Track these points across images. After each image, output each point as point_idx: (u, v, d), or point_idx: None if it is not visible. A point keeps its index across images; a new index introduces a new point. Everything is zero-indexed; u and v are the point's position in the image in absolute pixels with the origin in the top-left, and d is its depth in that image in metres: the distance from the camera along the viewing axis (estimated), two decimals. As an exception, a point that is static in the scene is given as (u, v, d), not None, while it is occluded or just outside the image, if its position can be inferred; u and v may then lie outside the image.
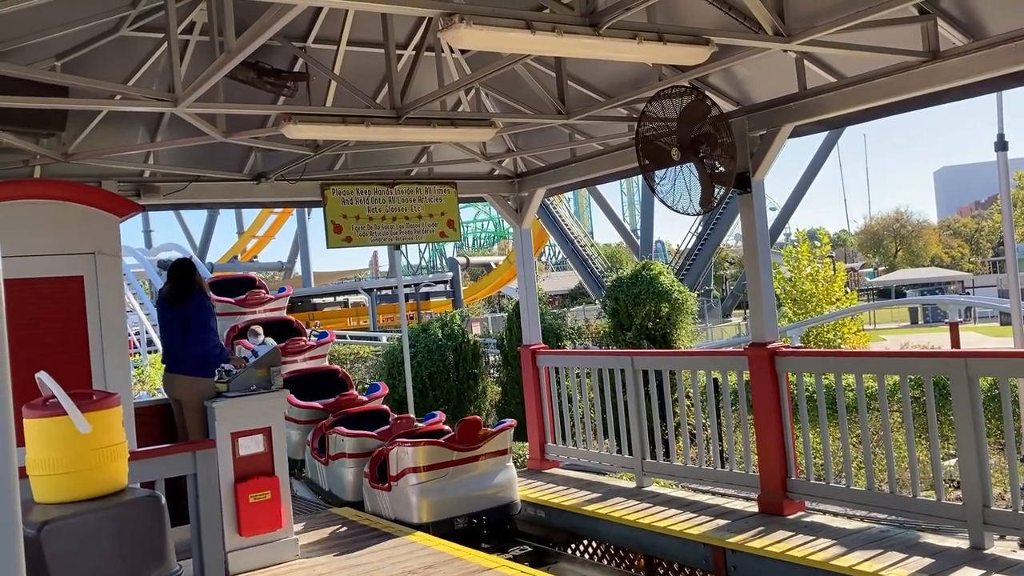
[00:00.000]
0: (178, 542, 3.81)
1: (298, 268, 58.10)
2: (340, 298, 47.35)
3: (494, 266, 57.80)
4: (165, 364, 7.01)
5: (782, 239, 56.34)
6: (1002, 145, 13.66)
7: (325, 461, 8.11)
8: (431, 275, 54.75)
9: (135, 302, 23.69)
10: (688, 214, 6.29)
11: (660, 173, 6.27)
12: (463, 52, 7.09)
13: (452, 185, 8.77)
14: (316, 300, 44.50)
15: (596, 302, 40.37)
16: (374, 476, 7.45)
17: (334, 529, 7.06)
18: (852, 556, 5.37)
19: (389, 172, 8.55)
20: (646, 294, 16.55)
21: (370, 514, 7.43)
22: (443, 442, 7.07)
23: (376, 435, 7.81)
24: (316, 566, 6.11)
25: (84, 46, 5.96)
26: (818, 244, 24.65)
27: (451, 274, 47.73)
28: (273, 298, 9.97)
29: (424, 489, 6.90)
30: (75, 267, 6.16)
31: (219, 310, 9.14)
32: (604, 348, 17.65)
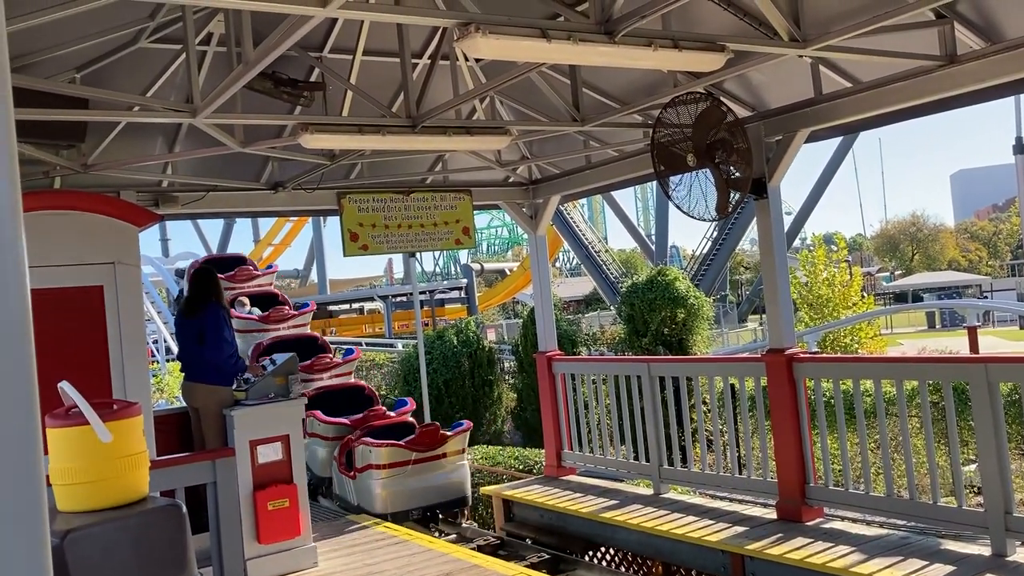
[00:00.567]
0: (197, 550, 3.83)
1: (314, 275, 58.37)
2: (355, 305, 47.51)
3: (508, 272, 57.86)
4: (183, 373, 7.07)
5: (798, 244, 56.13)
6: (1020, 148, 13.62)
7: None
8: (446, 282, 54.81)
9: (153, 310, 23.84)
10: (704, 220, 6.29)
11: (675, 179, 6.27)
12: (478, 61, 7.11)
13: (467, 192, 8.79)
14: (332, 307, 44.66)
15: (611, 308, 40.31)
16: (342, 463, 8.12)
17: (352, 536, 7.08)
18: (872, 563, 5.34)
19: (405, 180, 8.58)
20: (662, 300, 16.54)
21: (337, 497, 8.18)
22: (404, 444, 7.84)
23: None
24: (334, 574, 6.13)
25: (103, 58, 6.01)
26: (834, 248, 24.57)
27: (466, 280, 47.79)
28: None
29: (385, 484, 7.74)
30: (95, 277, 6.21)
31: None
32: (620, 354, 17.62)
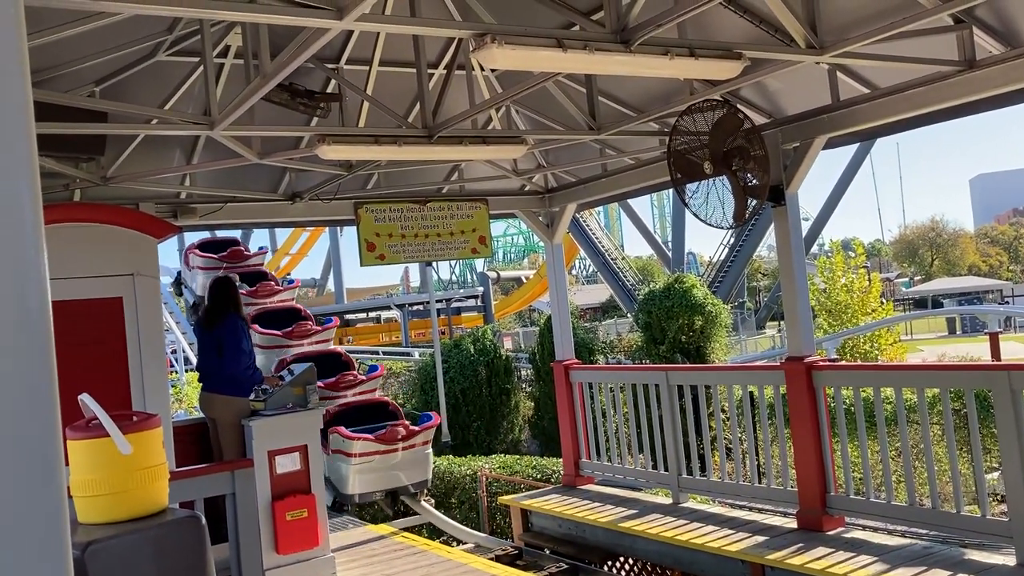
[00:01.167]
0: (216, 561, 3.83)
1: (331, 284, 58.57)
2: (372, 314, 47.64)
3: (524, 280, 57.90)
4: (202, 383, 7.09)
5: (815, 250, 55.85)
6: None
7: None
8: (462, 290, 54.89)
9: (171, 321, 23.98)
10: (721, 227, 6.26)
11: (692, 187, 6.26)
12: (494, 70, 7.13)
13: (483, 202, 8.80)
14: (349, 316, 44.81)
15: (628, 315, 40.23)
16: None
17: (371, 547, 7.08)
18: (895, 573, 5.28)
19: (421, 190, 8.60)
20: (679, 307, 16.50)
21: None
22: (374, 438, 8.49)
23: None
24: (353, 584, 6.13)
25: (122, 72, 6.06)
26: (852, 254, 24.43)
27: (482, 289, 47.84)
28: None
29: (355, 470, 8.42)
30: (114, 288, 6.26)
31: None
32: (637, 362, 17.58)
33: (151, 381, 6.29)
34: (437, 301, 27.66)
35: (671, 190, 6.93)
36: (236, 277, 9.18)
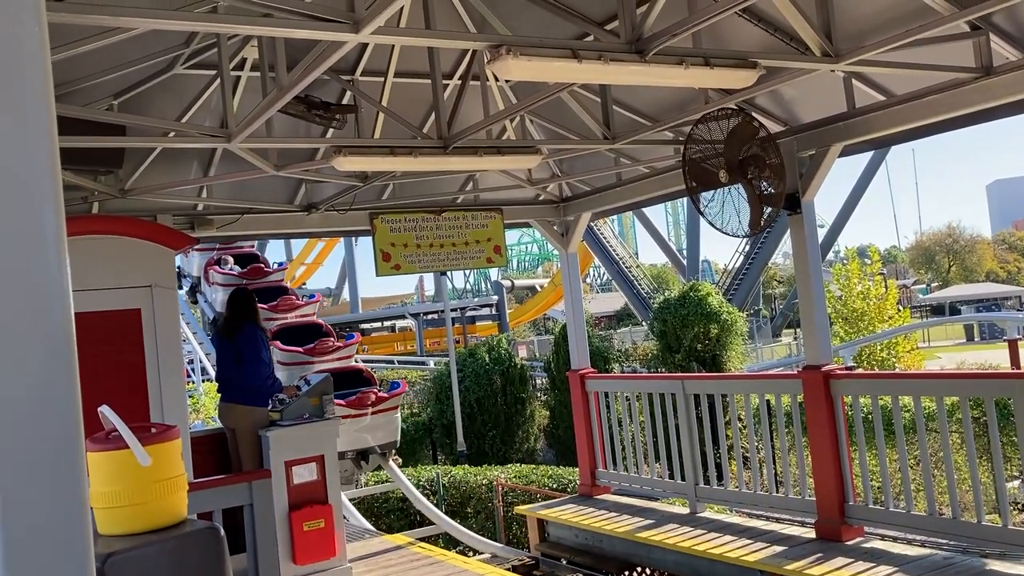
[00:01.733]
0: (234, 571, 3.84)
1: (346, 294, 58.73)
2: (387, 323, 47.73)
3: (539, 288, 57.87)
4: (220, 393, 7.13)
5: (831, 257, 55.57)
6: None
7: None
8: (476, 299, 54.93)
9: (188, 331, 24.12)
10: (737, 236, 6.25)
11: (707, 195, 6.25)
12: (508, 81, 7.14)
13: (498, 211, 8.81)
14: (364, 325, 44.91)
15: (643, 323, 40.12)
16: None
17: (387, 557, 7.07)
18: (915, 584, 5.23)
19: (436, 200, 8.62)
20: (694, 315, 16.45)
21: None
22: (345, 403, 9.04)
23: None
24: (370, 595, 6.13)
25: (140, 85, 6.11)
26: (868, 261, 24.29)
27: (496, 297, 47.83)
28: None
29: None
30: (132, 300, 6.28)
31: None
32: (653, 370, 17.54)
33: (169, 392, 6.31)
34: (452, 310, 27.68)
35: (686, 198, 6.92)
36: (230, 259, 9.54)
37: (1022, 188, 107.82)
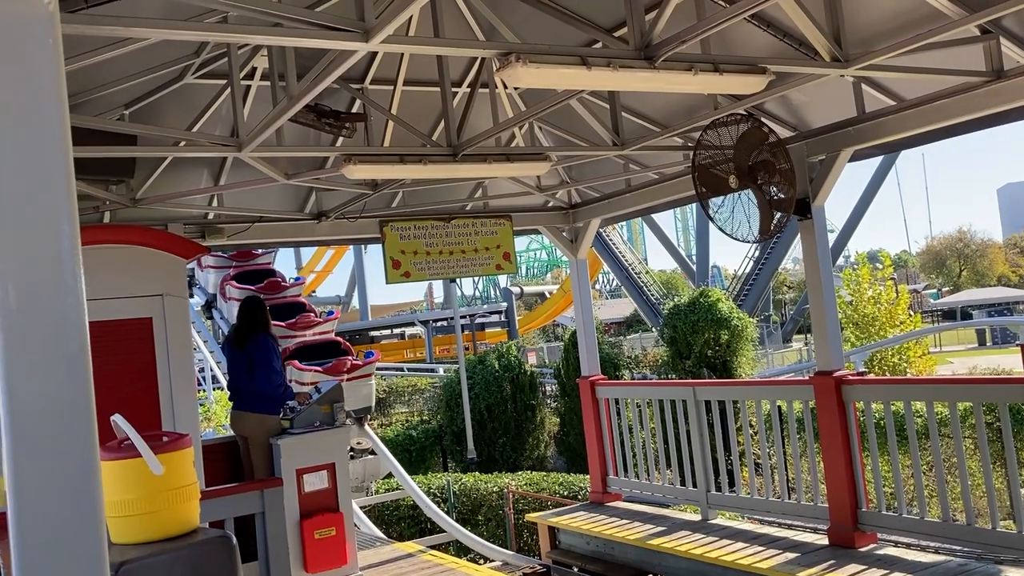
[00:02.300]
0: (248, 580, 3.85)
1: (355, 301, 58.83)
2: (397, 330, 47.77)
3: (548, 295, 57.81)
4: (232, 401, 7.14)
5: (841, 262, 55.40)
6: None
7: None
8: (486, 305, 54.93)
9: (199, 339, 24.20)
10: (747, 241, 6.23)
11: (717, 201, 6.23)
12: (517, 88, 7.15)
13: (507, 218, 8.82)
14: (373, 333, 44.98)
15: (652, 329, 40.06)
16: None
17: (398, 564, 7.07)
18: (930, 591, 5.20)
19: (445, 207, 8.63)
20: (704, 321, 16.42)
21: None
22: (322, 370, 9.60)
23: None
24: (381, 602, 6.13)
25: (150, 95, 6.14)
26: (879, 266, 24.18)
27: (505, 304, 47.82)
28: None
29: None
30: (144, 309, 6.31)
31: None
32: (663, 376, 17.50)
33: (181, 401, 6.34)
34: (461, 317, 27.69)
35: (695, 204, 6.91)
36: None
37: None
